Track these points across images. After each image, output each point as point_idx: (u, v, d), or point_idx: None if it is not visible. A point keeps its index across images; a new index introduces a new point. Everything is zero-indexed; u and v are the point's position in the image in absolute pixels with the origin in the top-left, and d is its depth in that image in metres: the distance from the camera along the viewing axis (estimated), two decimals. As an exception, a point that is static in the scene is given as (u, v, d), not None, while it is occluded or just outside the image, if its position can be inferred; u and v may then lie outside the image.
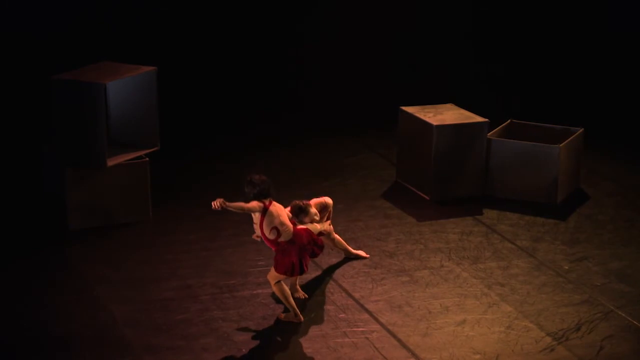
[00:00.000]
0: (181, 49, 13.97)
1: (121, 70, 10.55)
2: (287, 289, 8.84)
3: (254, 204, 8.69)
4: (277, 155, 12.47)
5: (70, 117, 10.22)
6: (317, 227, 9.09)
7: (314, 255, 8.94)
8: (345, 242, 10.00)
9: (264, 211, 8.69)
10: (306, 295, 9.15)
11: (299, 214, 9.01)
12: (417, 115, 11.45)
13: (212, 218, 10.68)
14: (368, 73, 14.73)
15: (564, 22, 15.12)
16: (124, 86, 10.72)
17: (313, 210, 9.10)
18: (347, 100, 14.17)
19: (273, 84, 14.47)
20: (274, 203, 8.79)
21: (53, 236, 10.31)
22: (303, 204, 9.06)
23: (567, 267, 9.86)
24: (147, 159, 10.67)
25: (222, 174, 11.87)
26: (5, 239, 10.23)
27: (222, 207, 8.49)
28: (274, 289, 8.82)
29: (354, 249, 10.05)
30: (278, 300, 9.03)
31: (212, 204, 8.51)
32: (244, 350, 8.38)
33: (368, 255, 9.96)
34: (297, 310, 8.80)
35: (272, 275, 8.80)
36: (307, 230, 8.87)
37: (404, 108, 11.68)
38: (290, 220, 8.90)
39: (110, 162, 10.36)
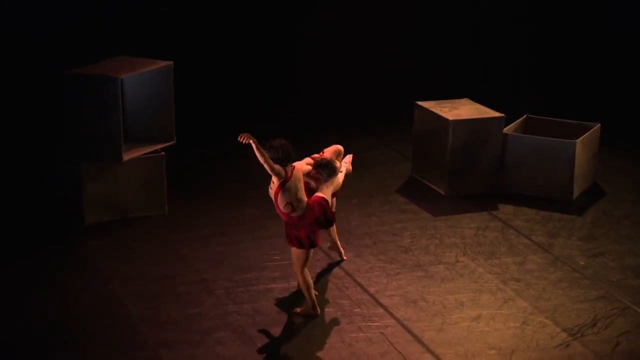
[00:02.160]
0: (179, 50, 13.88)
1: (137, 65, 10.56)
2: (310, 280, 8.80)
3: (277, 167, 8.49)
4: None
5: (86, 111, 10.22)
6: (340, 180, 9.01)
7: (323, 227, 8.84)
8: (360, 237, 9.99)
9: (283, 183, 8.57)
10: (316, 293, 9.10)
11: (325, 171, 8.87)
12: (433, 110, 11.43)
13: (224, 214, 10.69)
14: (370, 72, 14.62)
15: (580, 15, 15.06)
16: (140, 80, 10.72)
17: (337, 164, 9.01)
18: (351, 98, 14.10)
19: (273, 84, 14.37)
20: (294, 173, 8.58)
21: (66, 232, 10.31)
22: (326, 161, 8.88)
23: (583, 263, 9.83)
24: (163, 153, 10.68)
25: (223, 174, 11.82)
26: (18, 236, 10.21)
27: (249, 141, 8.33)
28: (299, 278, 8.78)
29: (369, 244, 10.03)
30: (293, 295, 9.02)
31: (240, 137, 8.36)
32: (258, 344, 8.38)
33: (345, 258, 9.85)
34: (315, 303, 8.79)
35: (296, 257, 8.74)
36: (319, 203, 8.72)
37: (419, 103, 11.66)
38: (306, 186, 8.79)
39: (126, 157, 10.37)
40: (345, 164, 9.32)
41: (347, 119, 13.54)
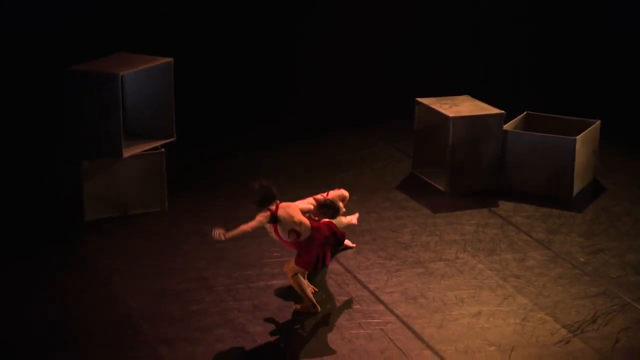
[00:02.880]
0: (179, 50, 13.82)
1: (137, 61, 10.55)
2: (304, 281, 8.80)
3: (258, 219, 8.50)
4: (284, 153, 12.38)
5: (86, 108, 10.22)
6: (342, 221, 9.02)
7: (334, 247, 8.85)
8: (360, 233, 9.97)
9: (274, 219, 8.59)
10: (316, 289, 9.11)
11: (328, 211, 8.91)
12: (433, 106, 11.43)
13: (224, 213, 10.68)
14: (370, 72, 14.58)
15: (580, 15, 15.06)
16: (140, 77, 10.72)
17: (341, 204, 9.06)
18: (351, 98, 14.07)
19: (273, 84, 14.35)
20: (281, 206, 8.61)
21: (66, 231, 10.29)
22: (330, 201, 8.97)
23: (583, 260, 9.82)
24: (163, 149, 10.68)
25: (223, 174, 11.81)
26: (18, 236, 10.18)
27: (221, 237, 8.33)
28: (291, 281, 8.78)
29: (369, 240, 10.03)
30: (293, 292, 9.01)
31: (214, 232, 8.37)
32: (259, 341, 8.37)
33: (354, 245, 9.87)
34: (314, 301, 8.78)
35: (290, 267, 8.75)
36: (327, 224, 8.77)
37: (419, 99, 11.66)
38: (307, 215, 8.82)
39: (126, 153, 10.37)
40: (350, 217, 9.32)
41: (347, 118, 13.53)
